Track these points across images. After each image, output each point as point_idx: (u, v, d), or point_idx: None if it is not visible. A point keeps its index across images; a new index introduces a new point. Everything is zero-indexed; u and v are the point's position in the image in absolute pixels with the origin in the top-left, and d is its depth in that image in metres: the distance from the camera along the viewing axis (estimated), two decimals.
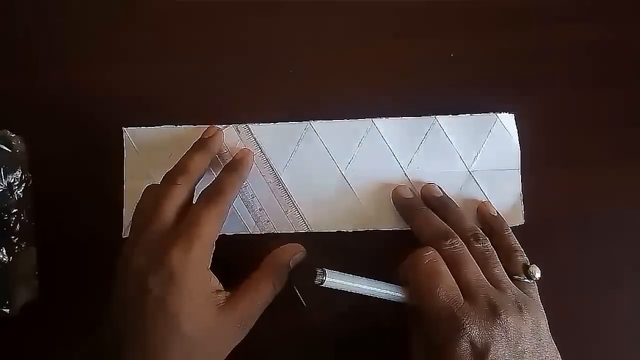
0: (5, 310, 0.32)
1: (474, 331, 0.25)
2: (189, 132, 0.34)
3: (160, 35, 0.36)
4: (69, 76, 0.36)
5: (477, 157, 0.33)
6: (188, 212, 0.28)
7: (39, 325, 0.34)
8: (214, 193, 0.29)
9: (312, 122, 0.34)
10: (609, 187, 0.34)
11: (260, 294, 0.28)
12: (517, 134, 0.34)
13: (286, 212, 0.33)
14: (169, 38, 0.36)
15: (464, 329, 0.25)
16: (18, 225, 0.33)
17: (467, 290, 0.27)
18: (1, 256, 0.32)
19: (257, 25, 0.36)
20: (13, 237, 0.33)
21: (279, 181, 0.33)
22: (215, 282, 0.28)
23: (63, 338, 0.34)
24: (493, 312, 0.26)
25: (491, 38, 0.35)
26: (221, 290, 0.28)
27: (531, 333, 0.26)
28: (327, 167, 0.33)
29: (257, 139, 0.34)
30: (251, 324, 0.28)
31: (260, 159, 0.34)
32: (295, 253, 0.30)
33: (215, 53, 0.36)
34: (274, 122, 0.34)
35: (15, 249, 0.33)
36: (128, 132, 0.34)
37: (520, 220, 0.33)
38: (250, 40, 0.36)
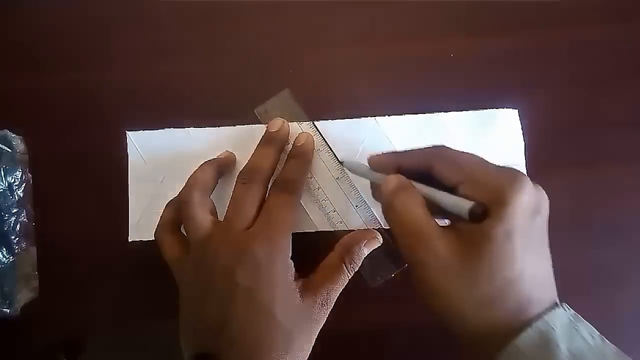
0: (5, 310, 0.32)
1: (532, 186, 0.24)
2: (193, 134, 0.34)
3: (160, 35, 0.36)
4: (69, 76, 0.36)
5: (480, 153, 0.33)
6: (264, 206, 0.29)
7: (39, 325, 0.34)
8: (283, 183, 0.30)
9: (315, 122, 0.34)
10: (609, 187, 0.34)
11: (335, 278, 0.29)
12: (520, 130, 0.34)
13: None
14: (169, 38, 0.36)
15: (525, 179, 0.23)
16: (18, 225, 0.33)
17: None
18: (1, 256, 0.32)
19: (257, 25, 0.36)
20: (13, 237, 0.33)
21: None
22: (294, 270, 0.28)
23: (63, 338, 0.34)
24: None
25: (492, 38, 0.35)
26: (298, 277, 0.28)
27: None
28: (330, 165, 0.33)
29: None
30: (331, 305, 0.29)
31: (325, 153, 0.33)
32: (369, 238, 0.31)
33: (215, 53, 0.36)
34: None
35: (15, 249, 0.33)
36: (132, 136, 0.34)
37: None
38: (250, 41, 0.36)
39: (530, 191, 0.23)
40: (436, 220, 0.25)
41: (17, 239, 0.33)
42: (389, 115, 0.34)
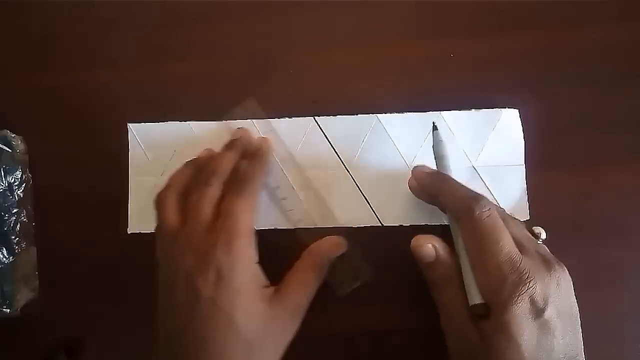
0: (5, 310, 0.32)
1: (537, 286, 0.24)
2: (194, 128, 0.34)
3: (161, 35, 0.36)
4: (69, 76, 0.36)
5: (481, 152, 0.33)
6: (221, 209, 0.28)
7: (39, 325, 0.34)
8: (240, 184, 0.29)
9: (316, 117, 0.34)
10: (609, 187, 0.34)
11: (304, 285, 0.29)
12: (521, 130, 0.34)
13: (282, 207, 0.33)
14: (169, 38, 0.36)
15: (529, 282, 0.24)
16: (18, 225, 0.33)
17: (519, 245, 0.26)
18: (1, 256, 0.32)
19: (257, 25, 0.36)
20: (13, 237, 0.33)
21: (285, 175, 0.33)
22: (262, 277, 0.28)
23: (63, 338, 0.34)
24: (547, 266, 0.25)
25: (492, 38, 0.35)
26: (267, 285, 0.28)
27: (570, 285, 0.26)
28: (332, 163, 0.33)
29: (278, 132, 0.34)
30: (301, 315, 0.28)
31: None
32: (335, 244, 0.31)
33: (215, 53, 0.36)
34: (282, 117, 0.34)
35: (15, 249, 0.33)
36: (133, 127, 0.34)
37: (526, 216, 0.33)
38: (250, 41, 0.36)
39: (530, 297, 0.24)
40: None
41: (17, 239, 0.33)
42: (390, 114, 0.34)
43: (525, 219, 0.33)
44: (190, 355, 0.26)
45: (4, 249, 0.32)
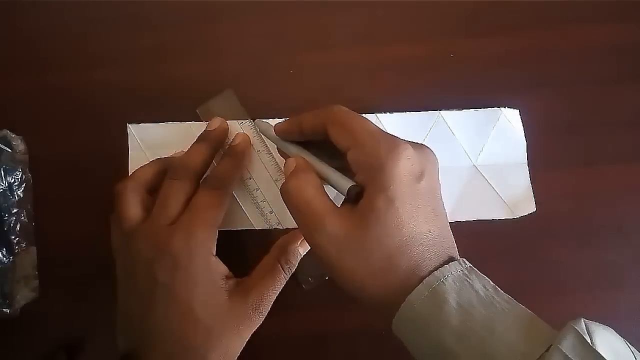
0: (5, 310, 0.32)
1: (411, 150, 0.23)
2: (194, 128, 0.34)
3: (160, 35, 0.36)
4: (70, 76, 0.36)
5: (482, 151, 0.33)
6: (190, 202, 0.28)
7: (39, 325, 0.34)
8: (213, 180, 0.29)
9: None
10: (609, 187, 0.34)
11: (270, 279, 0.28)
12: (522, 129, 0.34)
13: None
14: (169, 38, 0.36)
15: (404, 144, 0.23)
16: (18, 225, 0.33)
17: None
18: (1, 256, 0.32)
19: (257, 25, 0.36)
20: (13, 237, 0.33)
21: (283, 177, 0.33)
22: (222, 268, 0.28)
23: (63, 338, 0.34)
24: (415, 143, 0.25)
25: (492, 38, 0.35)
26: (230, 277, 0.28)
27: (438, 166, 0.25)
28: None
29: (262, 135, 0.34)
30: (266, 308, 0.28)
31: (265, 154, 0.34)
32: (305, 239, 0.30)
33: (215, 53, 0.36)
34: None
35: (15, 249, 0.33)
36: (132, 128, 0.34)
37: (533, 208, 0.33)
38: (250, 41, 0.36)
39: (408, 157, 0.23)
40: None
41: (17, 239, 0.33)
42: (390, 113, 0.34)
43: (532, 211, 0.33)
44: (150, 341, 0.26)
45: (4, 249, 0.32)
